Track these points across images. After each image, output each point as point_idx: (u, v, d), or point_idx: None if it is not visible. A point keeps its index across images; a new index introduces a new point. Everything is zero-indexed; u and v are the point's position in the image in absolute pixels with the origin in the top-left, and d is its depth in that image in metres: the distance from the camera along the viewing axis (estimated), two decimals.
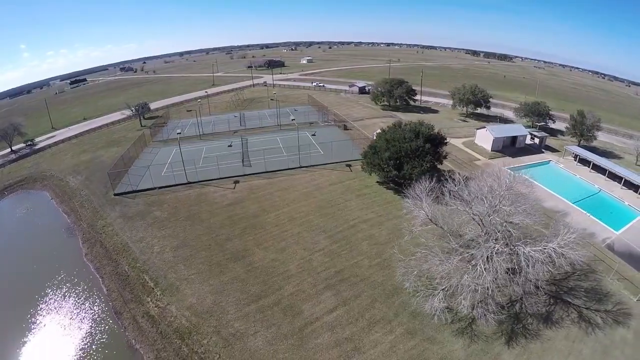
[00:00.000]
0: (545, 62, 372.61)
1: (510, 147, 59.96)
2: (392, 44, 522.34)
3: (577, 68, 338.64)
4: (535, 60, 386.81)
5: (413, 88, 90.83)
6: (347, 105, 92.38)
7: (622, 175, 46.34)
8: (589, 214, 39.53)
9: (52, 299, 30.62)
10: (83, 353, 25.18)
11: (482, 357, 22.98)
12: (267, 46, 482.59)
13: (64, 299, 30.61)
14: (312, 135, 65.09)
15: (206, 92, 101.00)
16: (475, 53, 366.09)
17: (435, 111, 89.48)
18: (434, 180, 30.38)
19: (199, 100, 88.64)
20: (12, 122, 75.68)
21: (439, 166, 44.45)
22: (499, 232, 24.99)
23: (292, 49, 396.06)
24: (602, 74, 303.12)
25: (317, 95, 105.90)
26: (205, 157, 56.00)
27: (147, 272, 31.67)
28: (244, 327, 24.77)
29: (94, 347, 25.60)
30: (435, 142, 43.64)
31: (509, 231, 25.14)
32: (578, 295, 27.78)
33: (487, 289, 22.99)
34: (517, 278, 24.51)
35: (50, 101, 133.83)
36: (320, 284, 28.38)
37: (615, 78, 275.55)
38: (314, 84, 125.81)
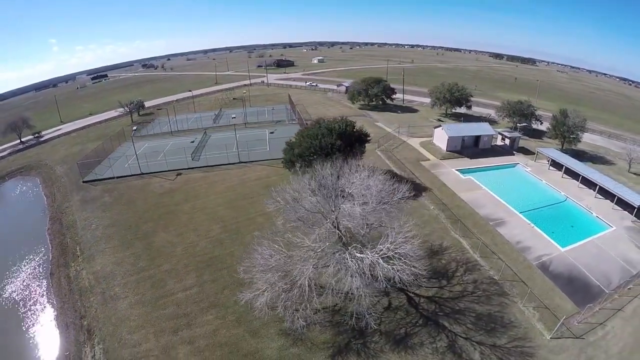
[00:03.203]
0: (572, 67, 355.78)
1: (472, 148, 57.52)
2: (417, 45, 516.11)
3: (605, 74, 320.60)
4: (561, 64, 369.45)
5: (392, 87, 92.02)
6: (325, 105, 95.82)
7: (596, 182, 41.77)
8: (532, 225, 35.02)
9: (10, 263, 38.08)
10: (18, 299, 32.75)
11: None
12: (289, 45, 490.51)
13: (20, 262, 38.28)
14: (271, 133, 70.17)
15: (190, 91, 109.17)
16: (498, 56, 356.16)
17: (415, 110, 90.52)
18: (309, 175, 29.81)
19: (175, 100, 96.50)
20: (22, 116, 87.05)
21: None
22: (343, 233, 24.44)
23: (312, 49, 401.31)
24: (630, 80, 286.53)
25: (304, 94, 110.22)
26: (167, 151, 63.05)
27: (80, 244, 38.86)
28: (121, 292, 30.66)
29: (27, 297, 33.12)
30: (352, 140, 43.76)
31: (340, 232, 24.31)
32: (463, 321, 23.41)
33: (304, 291, 21.37)
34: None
35: (70, 95, 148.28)
36: (192, 265, 32.39)
37: None
38: (307, 83, 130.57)
